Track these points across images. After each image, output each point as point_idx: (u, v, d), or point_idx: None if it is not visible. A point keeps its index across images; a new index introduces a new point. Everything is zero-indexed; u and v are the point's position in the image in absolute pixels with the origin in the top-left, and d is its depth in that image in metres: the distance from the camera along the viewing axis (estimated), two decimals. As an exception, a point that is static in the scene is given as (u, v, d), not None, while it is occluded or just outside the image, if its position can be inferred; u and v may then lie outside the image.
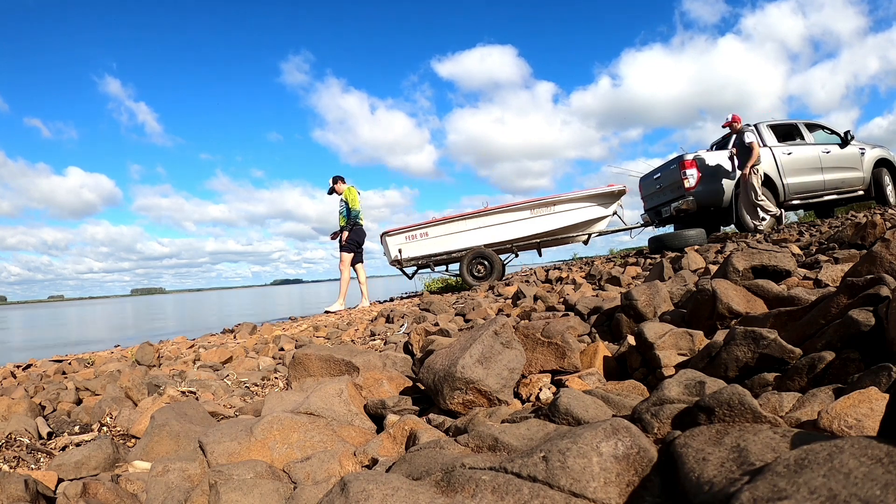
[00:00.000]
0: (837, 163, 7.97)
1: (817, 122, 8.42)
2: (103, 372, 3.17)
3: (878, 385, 0.77)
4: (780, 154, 7.65)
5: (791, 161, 7.68)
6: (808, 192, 7.81)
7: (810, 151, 7.88)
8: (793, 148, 7.75)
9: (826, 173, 7.89)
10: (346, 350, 1.61)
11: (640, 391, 1.18)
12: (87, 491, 1.03)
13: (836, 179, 7.96)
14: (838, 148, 8.01)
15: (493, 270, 7.54)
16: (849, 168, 8.03)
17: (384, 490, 0.67)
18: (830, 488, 0.41)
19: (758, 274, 1.79)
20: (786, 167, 7.62)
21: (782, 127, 8.10)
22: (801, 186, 7.69)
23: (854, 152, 8.10)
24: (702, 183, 7.31)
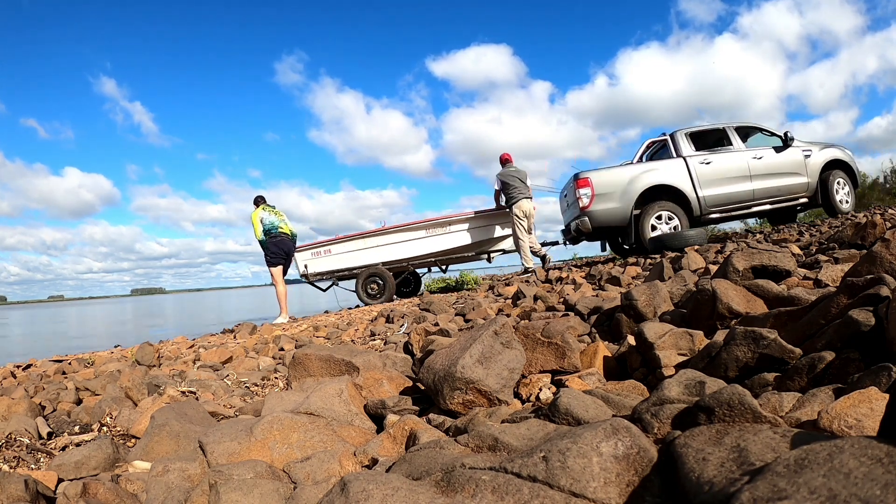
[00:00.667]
0: (772, 169, 7.31)
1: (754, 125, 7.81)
2: (103, 372, 3.17)
3: (878, 385, 0.77)
4: (695, 164, 7.11)
5: (709, 171, 7.13)
6: (732, 204, 7.22)
7: (735, 159, 7.27)
8: (713, 156, 7.21)
9: (756, 181, 7.26)
10: (346, 350, 1.61)
11: (640, 391, 1.18)
12: (87, 491, 1.03)
13: (769, 188, 7.29)
14: (774, 152, 7.38)
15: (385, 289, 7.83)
16: (788, 174, 7.35)
17: (384, 490, 0.67)
18: (830, 488, 0.41)
19: (758, 274, 1.79)
20: (702, 178, 7.08)
21: (706, 134, 7.61)
22: (722, 198, 7.13)
23: (795, 156, 7.40)
24: (596, 202, 6.91)
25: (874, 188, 19.64)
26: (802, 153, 7.43)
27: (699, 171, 7.10)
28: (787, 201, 7.43)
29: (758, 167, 7.28)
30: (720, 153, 7.30)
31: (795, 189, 7.42)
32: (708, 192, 7.08)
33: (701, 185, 7.07)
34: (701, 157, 7.17)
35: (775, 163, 7.34)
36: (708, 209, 7.12)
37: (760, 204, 7.35)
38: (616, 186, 6.95)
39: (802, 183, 7.42)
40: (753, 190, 7.25)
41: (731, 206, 7.23)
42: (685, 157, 7.14)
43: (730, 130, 7.52)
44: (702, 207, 7.08)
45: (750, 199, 7.28)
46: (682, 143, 7.28)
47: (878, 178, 20.38)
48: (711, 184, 7.11)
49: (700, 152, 7.28)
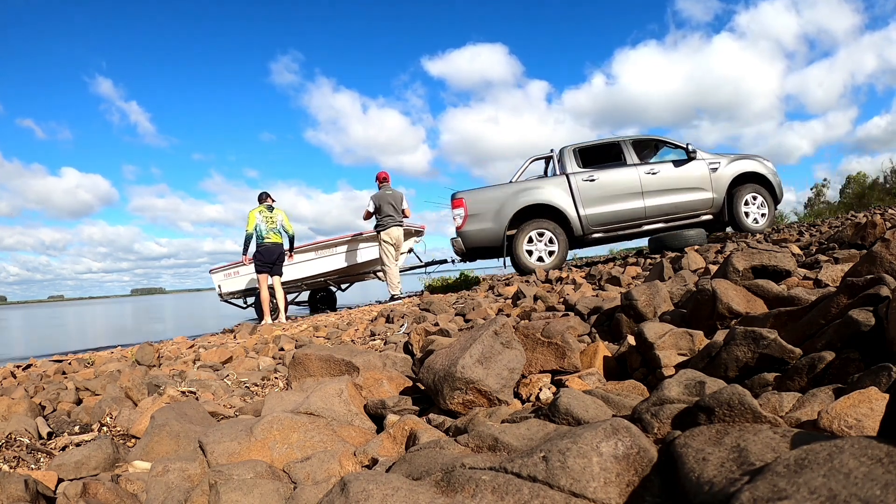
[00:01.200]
0: (669, 185, 6.83)
1: (655, 138, 7.32)
2: (103, 372, 3.17)
3: (878, 385, 0.77)
4: (578, 182, 6.78)
5: (593, 189, 6.77)
6: (619, 223, 6.86)
7: (625, 175, 6.85)
8: (600, 173, 6.86)
9: (648, 198, 6.82)
10: (346, 350, 1.61)
11: (640, 391, 1.18)
12: (87, 491, 1.03)
13: (663, 205, 6.84)
14: (673, 167, 6.92)
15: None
16: (688, 189, 6.87)
17: (384, 490, 0.67)
18: (830, 488, 0.41)
19: (758, 274, 1.79)
20: (584, 196, 6.75)
21: (597, 149, 7.24)
22: (607, 217, 6.79)
23: (699, 170, 6.90)
24: (469, 222, 6.71)
25: (874, 188, 19.64)
26: (708, 166, 6.94)
27: (582, 188, 6.78)
28: (687, 219, 6.98)
29: (651, 183, 6.85)
30: (607, 170, 6.97)
31: (696, 206, 6.92)
32: (591, 210, 6.76)
33: (583, 203, 6.76)
34: (585, 174, 6.86)
35: (673, 178, 6.88)
36: (590, 228, 6.83)
37: (653, 222, 6.94)
38: (490, 206, 6.73)
39: (705, 199, 6.90)
40: (645, 207, 6.86)
41: (617, 224, 6.90)
42: (568, 174, 6.85)
43: (625, 145, 7.13)
44: (583, 227, 6.79)
45: (641, 217, 6.90)
46: (566, 160, 7.00)
47: (878, 178, 20.38)
48: (595, 202, 6.79)
49: (586, 169, 6.97)
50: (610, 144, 7.23)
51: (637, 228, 7.00)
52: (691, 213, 6.95)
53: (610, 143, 7.22)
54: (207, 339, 5.03)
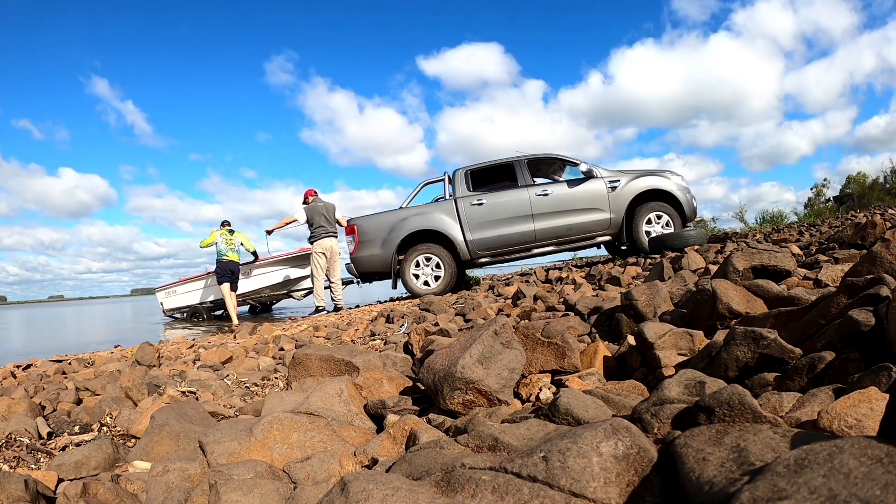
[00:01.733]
0: (562, 206, 6.66)
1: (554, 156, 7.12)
2: (103, 372, 3.17)
3: (878, 385, 0.77)
4: (465, 206, 6.73)
5: (480, 213, 6.69)
6: (507, 246, 6.76)
7: (514, 197, 6.73)
8: (488, 196, 6.77)
9: (539, 221, 6.67)
10: (346, 350, 1.61)
11: (640, 391, 1.18)
12: (87, 491, 1.03)
13: (555, 227, 6.69)
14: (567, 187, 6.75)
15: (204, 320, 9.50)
16: (582, 210, 6.67)
17: (384, 490, 0.67)
18: (830, 488, 0.41)
19: (758, 274, 1.79)
20: (471, 221, 6.68)
21: (490, 171, 7.11)
22: (493, 241, 6.71)
23: (595, 189, 6.67)
24: (361, 248, 6.84)
25: (874, 188, 19.63)
26: (606, 185, 6.70)
27: (469, 213, 6.72)
28: (582, 240, 6.83)
29: (542, 205, 6.68)
30: (497, 192, 6.89)
31: (591, 227, 6.72)
32: (477, 235, 6.74)
33: (470, 228, 6.73)
34: (473, 197, 6.79)
35: (567, 198, 6.70)
36: (477, 253, 6.78)
37: (544, 245, 6.82)
38: (379, 232, 6.78)
39: (601, 219, 6.68)
40: (535, 230, 6.74)
41: (505, 248, 6.81)
42: (456, 198, 6.85)
43: (518, 165, 6.95)
44: (470, 251, 6.76)
45: (530, 240, 6.78)
46: (456, 184, 6.94)
47: (878, 178, 20.38)
48: (482, 226, 6.71)
49: (474, 192, 6.92)
50: (504, 165, 7.12)
51: (526, 252, 6.91)
52: (586, 235, 6.79)
53: (504, 163, 7.11)
54: (207, 339, 5.03)
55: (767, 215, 14.42)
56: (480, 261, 6.89)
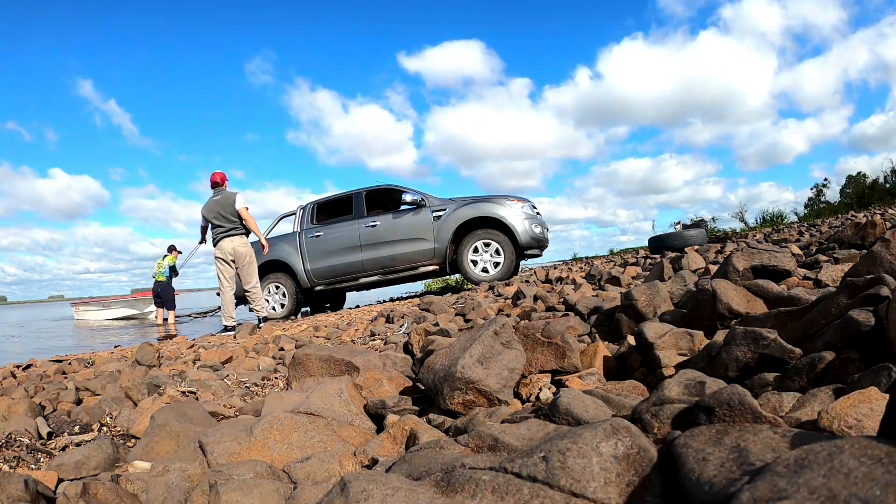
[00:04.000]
0: (387, 236, 6.97)
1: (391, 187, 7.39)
2: (103, 372, 3.17)
3: (878, 385, 0.77)
4: (305, 238, 7.37)
5: (317, 244, 7.26)
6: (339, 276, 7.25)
7: (346, 229, 7.20)
8: (325, 229, 7.32)
9: (366, 251, 7.06)
10: (346, 350, 1.61)
11: (640, 391, 1.18)
12: (87, 491, 1.03)
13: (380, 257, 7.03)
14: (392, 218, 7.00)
15: None
16: (407, 240, 6.91)
17: (384, 490, 0.67)
18: (830, 488, 0.41)
19: (758, 274, 1.79)
20: (310, 252, 7.29)
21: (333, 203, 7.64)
22: (327, 271, 7.25)
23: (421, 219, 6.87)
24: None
25: (874, 188, 19.63)
26: (432, 215, 6.83)
27: (308, 244, 7.34)
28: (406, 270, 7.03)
29: (369, 236, 7.09)
30: (333, 225, 7.34)
31: (416, 257, 6.91)
32: (315, 265, 7.27)
33: (309, 258, 7.28)
34: (314, 230, 7.39)
35: (392, 229, 6.97)
36: (314, 281, 7.33)
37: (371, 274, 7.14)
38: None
39: (426, 249, 6.82)
40: (362, 261, 7.11)
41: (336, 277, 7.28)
42: (299, 231, 7.46)
43: (356, 198, 7.41)
44: (309, 279, 7.31)
45: (358, 270, 7.17)
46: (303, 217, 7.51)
47: (878, 179, 20.38)
48: (318, 257, 7.32)
49: (316, 225, 7.43)
50: (345, 198, 7.59)
51: (355, 281, 7.30)
52: (411, 264, 7.01)
53: (345, 196, 7.59)
54: (207, 339, 5.03)
55: (767, 215, 14.42)
56: (317, 288, 7.44)
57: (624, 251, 11.83)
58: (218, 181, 6.21)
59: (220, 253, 6.02)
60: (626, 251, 11.51)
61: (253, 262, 6.08)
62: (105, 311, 14.48)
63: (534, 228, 6.67)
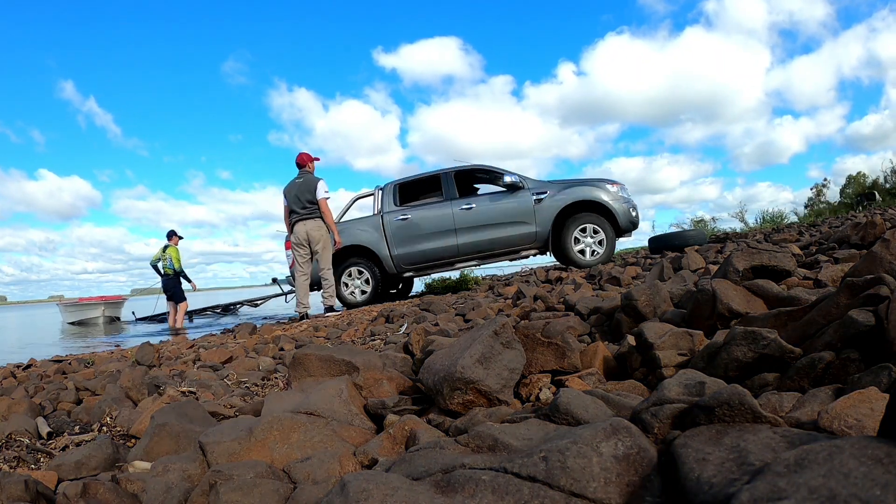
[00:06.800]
0: (485, 220, 6.59)
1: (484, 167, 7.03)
2: (103, 372, 3.17)
3: (878, 385, 0.77)
4: (390, 222, 6.77)
5: (405, 228, 6.73)
6: (430, 261, 6.80)
7: (438, 212, 6.72)
8: (414, 211, 6.81)
9: (462, 235, 6.64)
10: (346, 350, 1.61)
11: (640, 391, 1.18)
12: (87, 491, 1.03)
13: (478, 241, 6.62)
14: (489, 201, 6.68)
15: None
16: (507, 224, 6.57)
17: (384, 490, 0.67)
18: (830, 488, 0.41)
19: (758, 274, 1.79)
20: (395, 236, 6.75)
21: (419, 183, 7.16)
22: (417, 256, 6.74)
23: (521, 202, 6.56)
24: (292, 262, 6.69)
25: (874, 188, 19.63)
26: (533, 197, 6.56)
27: (394, 228, 6.78)
28: (506, 254, 6.79)
29: (465, 219, 6.64)
30: (422, 207, 6.88)
31: (516, 240, 6.62)
32: (401, 250, 6.73)
33: (395, 243, 6.75)
34: (399, 213, 6.83)
35: (491, 212, 6.62)
36: (402, 267, 6.84)
37: (467, 259, 6.81)
38: None
39: (527, 233, 6.56)
40: (458, 245, 6.72)
41: (428, 263, 6.84)
42: (383, 214, 6.87)
43: (445, 178, 6.94)
44: (395, 265, 6.79)
45: (453, 254, 6.77)
46: (385, 199, 6.96)
47: (878, 179, 20.38)
48: (406, 241, 6.75)
49: (401, 207, 6.95)
50: (431, 178, 7.13)
51: (450, 266, 6.95)
52: (511, 248, 6.72)
53: (431, 176, 7.12)
54: (207, 339, 5.03)
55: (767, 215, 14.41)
56: (405, 274, 6.99)
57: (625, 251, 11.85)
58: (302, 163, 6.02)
59: (295, 238, 5.95)
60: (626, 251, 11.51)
61: (328, 247, 5.95)
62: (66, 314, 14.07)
63: (630, 212, 6.58)
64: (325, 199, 5.84)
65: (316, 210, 5.87)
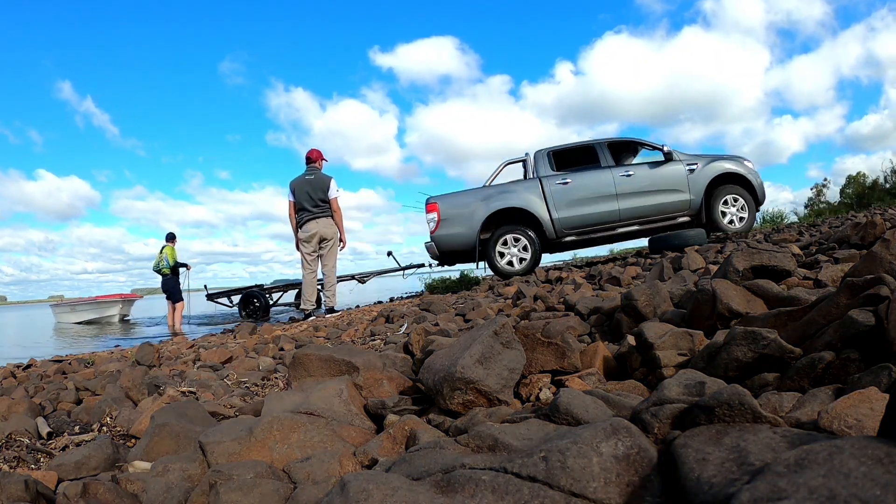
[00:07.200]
0: (644, 187, 6.81)
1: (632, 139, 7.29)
2: (103, 372, 3.17)
3: (878, 385, 0.77)
4: (550, 185, 6.78)
5: (566, 192, 6.77)
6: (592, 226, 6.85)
7: (599, 177, 6.83)
8: (573, 176, 6.85)
9: (623, 201, 6.78)
10: (346, 350, 1.61)
11: (640, 391, 1.18)
12: (87, 491, 1.03)
13: (639, 207, 6.80)
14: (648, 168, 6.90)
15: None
16: (664, 191, 6.83)
17: (384, 490, 0.67)
18: (830, 488, 0.41)
19: (758, 274, 1.79)
20: (557, 200, 6.75)
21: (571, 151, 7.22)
22: (578, 220, 6.78)
23: (676, 171, 6.85)
24: (442, 227, 6.69)
25: (875, 188, 19.63)
26: (685, 168, 6.88)
27: (554, 192, 6.78)
28: (662, 221, 6.95)
29: (626, 185, 6.81)
30: (581, 173, 6.94)
31: (672, 208, 6.86)
32: (563, 214, 6.77)
33: (556, 206, 6.77)
34: (559, 177, 6.85)
35: (649, 180, 6.84)
36: (563, 232, 6.83)
37: (628, 224, 6.92)
38: (463, 211, 6.71)
39: (682, 200, 6.84)
40: (619, 210, 6.84)
41: (591, 227, 6.88)
42: (541, 177, 6.88)
43: (599, 147, 7.11)
44: (556, 230, 6.79)
45: (615, 219, 6.87)
46: (539, 164, 7.00)
47: (878, 179, 20.38)
48: (568, 205, 6.77)
49: (558, 172, 6.97)
50: (585, 147, 7.20)
51: (611, 231, 6.96)
52: (667, 215, 6.90)
53: (585, 145, 7.20)
54: (207, 339, 5.03)
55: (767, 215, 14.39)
56: (566, 240, 6.92)
57: (625, 251, 11.84)
58: (313, 158, 6.00)
59: (304, 234, 5.90)
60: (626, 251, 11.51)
61: (336, 246, 5.94)
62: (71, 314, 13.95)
63: (763, 186, 6.98)
64: (337, 199, 5.85)
65: (327, 208, 5.88)
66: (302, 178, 5.91)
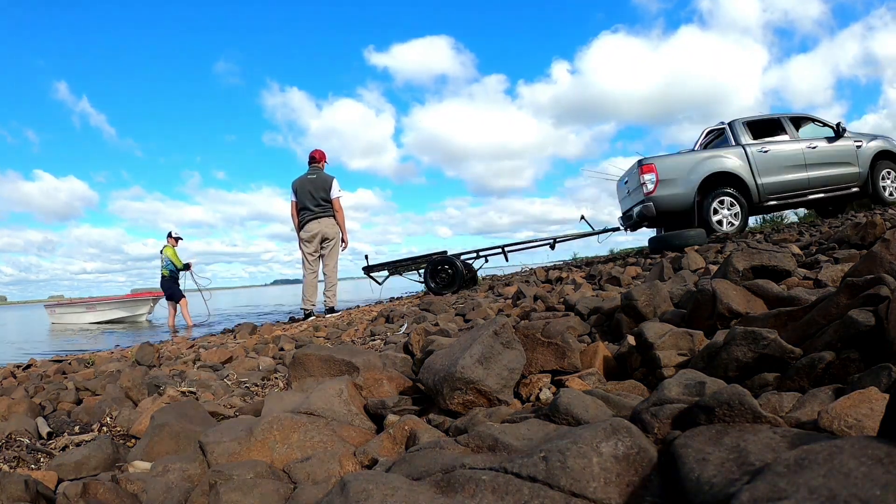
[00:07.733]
0: (826, 158, 7.48)
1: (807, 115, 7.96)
2: (103, 372, 3.17)
3: (878, 385, 0.77)
4: (753, 152, 7.29)
5: (767, 159, 7.31)
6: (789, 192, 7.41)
7: (792, 147, 7.43)
8: (771, 145, 7.39)
9: (811, 170, 7.43)
10: (346, 350, 1.61)
11: (640, 391, 1.18)
12: (87, 491, 1.03)
13: (823, 176, 7.45)
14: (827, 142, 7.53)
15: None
16: (840, 164, 7.52)
17: (384, 490, 0.67)
18: (830, 488, 0.41)
19: (758, 274, 1.79)
20: (760, 166, 7.27)
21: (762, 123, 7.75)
22: (778, 186, 7.31)
23: (848, 146, 7.56)
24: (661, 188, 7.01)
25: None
26: (854, 143, 7.56)
27: (758, 159, 7.28)
28: (839, 190, 7.56)
29: (812, 156, 7.41)
30: (777, 142, 7.46)
31: (847, 179, 7.53)
32: (766, 179, 7.25)
33: (760, 172, 7.25)
34: (759, 145, 7.38)
35: (829, 152, 7.48)
36: (766, 196, 7.30)
37: (815, 192, 7.48)
38: (680, 173, 7.08)
39: (854, 173, 7.52)
40: (809, 178, 7.41)
41: (787, 193, 7.40)
42: (744, 145, 7.35)
43: (784, 120, 7.70)
44: (760, 195, 7.25)
45: (805, 187, 7.43)
46: (740, 132, 7.47)
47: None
48: (769, 172, 7.25)
49: (757, 141, 7.45)
50: (772, 120, 7.73)
51: (802, 198, 7.51)
52: (843, 186, 7.53)
53: (772, 118, 7.73)
54: (207, 339, 5.03)
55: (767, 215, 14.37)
56: (768, 203, 7.39)
57: (624, 251, 11.84)
58: (317, 158, 5.99)
59: (306, 234, 5.86)
60: (626, 251, 11.51)
61: (338, 246, 5.93)
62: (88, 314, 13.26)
63: None
64: (339, 199, 5.83)
65: (330, 208, 5.86)
66: (304, 178, 5.89)
